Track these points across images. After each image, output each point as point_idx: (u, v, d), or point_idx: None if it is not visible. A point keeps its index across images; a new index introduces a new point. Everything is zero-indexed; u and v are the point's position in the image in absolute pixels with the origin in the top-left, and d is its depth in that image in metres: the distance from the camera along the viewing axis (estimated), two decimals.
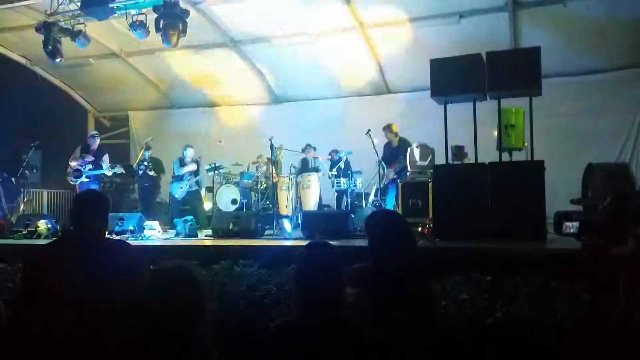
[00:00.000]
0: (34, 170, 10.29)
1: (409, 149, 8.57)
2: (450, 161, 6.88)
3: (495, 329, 3.58)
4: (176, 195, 9.85)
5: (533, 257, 4.63)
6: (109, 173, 9.28)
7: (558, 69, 9.26)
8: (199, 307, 1.98)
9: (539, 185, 5.93)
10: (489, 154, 6.65)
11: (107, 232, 3.18)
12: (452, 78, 6.47)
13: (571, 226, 3.17)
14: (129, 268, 2.71)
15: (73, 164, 9.24)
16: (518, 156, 6.81)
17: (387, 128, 9.18)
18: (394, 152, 9.02)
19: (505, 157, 6.62)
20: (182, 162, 9.95)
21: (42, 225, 7.73)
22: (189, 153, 9.97)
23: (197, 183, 9.99)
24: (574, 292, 3.64)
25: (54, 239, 3.15)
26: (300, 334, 2.27)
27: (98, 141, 9.59)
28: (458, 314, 3.74)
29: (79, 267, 2.62)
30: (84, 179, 9.21)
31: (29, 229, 7.79)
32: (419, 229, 6.41)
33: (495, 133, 6.74)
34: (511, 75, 6.23)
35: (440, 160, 7.33)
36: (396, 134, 9.15)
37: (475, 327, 3.62)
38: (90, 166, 9.20)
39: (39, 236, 7.58)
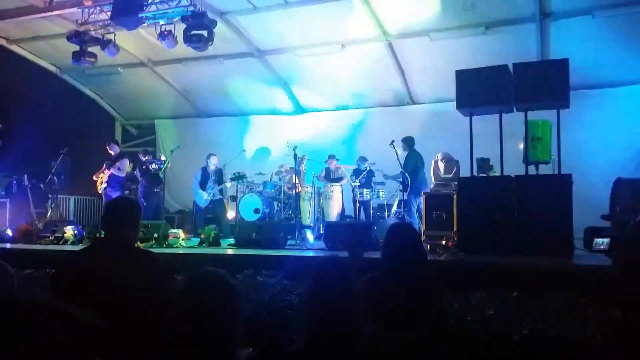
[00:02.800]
0: (62, 177, 10.47)
1: (432, 160, 8.51)
2: (475, 174, 6.80)
3: (521, 346, 3.50)
4: (200, 204, 9.92)
5: (561, 273, 4.53)
6: (117, 173, 9.53)
7: (586, 80, 9.13)
8: (234, 312, 2.02)
9: (566, 199, 5.82)
10: (515, 167, 6.56)
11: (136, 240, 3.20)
12: (478, 89, 6.41)
13: (601, 242, 3.09)
14: (153, 277, 2.73)
15: (97, 176, 9.56)
16: (545, 169, 6.70)
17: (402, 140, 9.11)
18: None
19: (532, 170, 6.52)
20: (204, 171, 10.00)
21: (69, 231, 7.85)
22: (213, 161, 10.02)
23: (221, 192, 10.03)
24: (604, 309, 3.55)
25: (86, 245, 3.18)
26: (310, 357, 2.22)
27: (115, 147, 9.91)
28: (483, 329, 3.68)
29: (107, 275, 2.64)
30: (103, 184, 9.45)
31: (56, 234, 7.92)
32: (443, 242, 6.34)
33: (522, 145, 6.65)
34: (538, 87, 6.15)
35: (465, 172, 7.25)
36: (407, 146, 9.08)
37: (501, 343, 3.55)
38: (107, 170, 9.49)
39: (65, 242, 7.69)
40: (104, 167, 9.71)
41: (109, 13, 8.64)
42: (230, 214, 10.29)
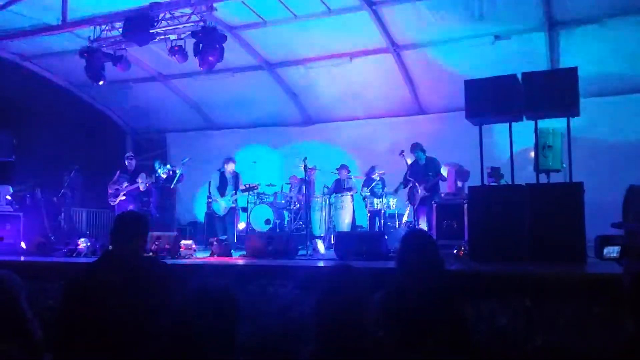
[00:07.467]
0: (75, 191, 10.58)
1: (442, 168, 8.50)
2: (485, 182, 6.78)
3: (534, 356, 3.48)
4: (218, 212, 9.56)
5: (573, 281, 4.50)
6: (142, 188, 9.50)
7: (595, 88, 9.10)
8: (231, 326, 2.03)
9: (578, 207, 5.78)
10: (525, 176, 6.54)
11: (144, 252, 3.24)
12: (488, 99, 6.41)
13: (612, 250, 3.07)
14: (163, 287, 2.78)
15: (113, 188, 9.58)
16: (556, 178, 6.67)
17: (418, 146, 9.03)
18: (421, 170, 8.83)
19: (543, 178, 6.50)
20: (222, 175, 9.73)
21: (82, 243, 7.93)
22: (230, 167, 9.59)
23: (236, 201, 9.77)
24: (617, 319, 3.53)
25: (95, 258, 3.24)
26: None
27: (134, 162, 9.90)
28: (495, 340, 3.66)
29: (116, 287, 2.68)
30: (121, 197, 9.47)
31: (69, 247, 8.00)
32: (454, 251, 6.33)
33: (532, 154, 6.64)
34: (548, 96, 6.14)
35: (475, 181, 7.25)
36: (424, 152, 9.02)
37: (513, 353, 3.53)
38: (126, 183, 9.50)
39: (78, 255, 7.76)
40: (117, 178, 9.72)
41: (120, 30, 8.76)
42: (241, 225, 10.29)
